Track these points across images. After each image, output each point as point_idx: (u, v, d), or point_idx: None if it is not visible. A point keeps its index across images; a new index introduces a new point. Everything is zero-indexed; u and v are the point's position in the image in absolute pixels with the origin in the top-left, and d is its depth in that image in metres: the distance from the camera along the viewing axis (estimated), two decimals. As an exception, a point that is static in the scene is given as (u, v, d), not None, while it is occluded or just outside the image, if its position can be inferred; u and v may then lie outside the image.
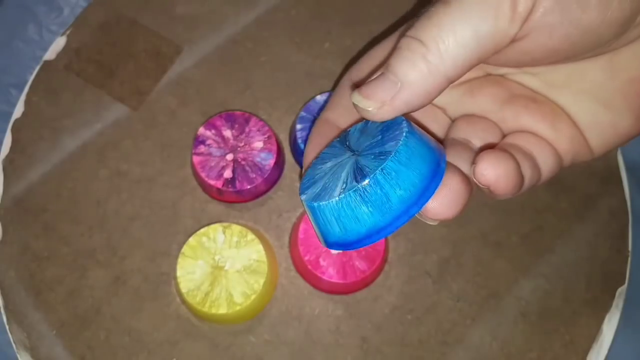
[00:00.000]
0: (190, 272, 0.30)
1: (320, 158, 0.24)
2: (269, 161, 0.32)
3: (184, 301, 0.30)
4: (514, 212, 0.33)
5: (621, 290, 0.33)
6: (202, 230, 0.30)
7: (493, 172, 0.21)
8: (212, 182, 0.31)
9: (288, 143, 0.34)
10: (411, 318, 0.31)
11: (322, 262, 0.30)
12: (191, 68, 0.36)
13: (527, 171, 0.22)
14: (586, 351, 0.32)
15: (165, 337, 0.31)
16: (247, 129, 0.32)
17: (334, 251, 0.30)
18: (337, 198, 0.20)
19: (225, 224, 0.31)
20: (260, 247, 0.30)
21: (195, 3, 0.37)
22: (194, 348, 0.31)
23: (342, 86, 0.26)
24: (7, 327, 0.31)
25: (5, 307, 0.31)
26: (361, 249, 0.30)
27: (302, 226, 0.30)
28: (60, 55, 0.36)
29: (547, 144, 0.23)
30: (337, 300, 0.32)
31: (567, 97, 0.24)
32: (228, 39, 0.36)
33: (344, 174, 0.21)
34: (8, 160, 0.34)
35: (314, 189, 0.22)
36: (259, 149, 0.32)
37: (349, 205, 0.20)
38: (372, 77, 0.21)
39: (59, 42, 0.36)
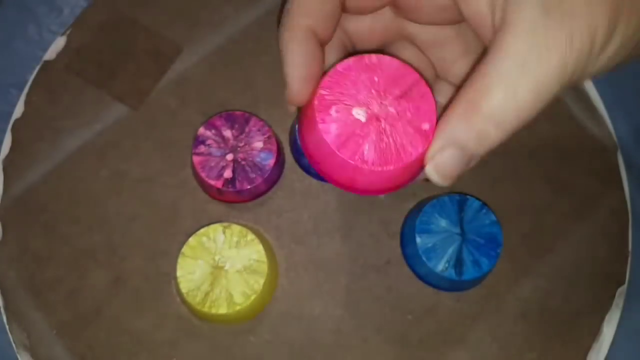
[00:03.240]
0: (190, 272, 0.30)
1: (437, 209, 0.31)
2: (269, 161, 0.32)
3: (184, 301, 0.30)
4: (514, 212, 0.33)
5: (621, 290, 0.33)
6: (202, 230, 0.30)
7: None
8: (212, 182, 0.31)
9: (288, 143, 0.34)
10: (411, 318, 0.31)
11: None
12: (191, 68, 0.36)
13: None
14: (586, 351, 0.32)
15: (165, 337, 0.31)
16: (247, 129, 0.32)
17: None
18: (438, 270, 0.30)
19: (225, 224, 0.30)
20: (260, 247, 0.30)
21: (195, 3, 0.37)
22: (194, 348, 0.31)
23: None
24: (7, 327, 0.31)
25: (5, 307, 0.31)
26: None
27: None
28: (60, 55, 0.36)
29: None
30: (337, 300, 0.32)
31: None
32: (228, 39, 0.36)
33: (450, 251, 0.31)
34: (8, 160, 0.34)
35: (430, 238, 0.31)
36: (259, 149, 0.32)
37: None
38: (446, 151, 0.22)
39: (59, 42, 0.36)
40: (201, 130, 0.32)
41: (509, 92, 0.20)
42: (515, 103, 0.20)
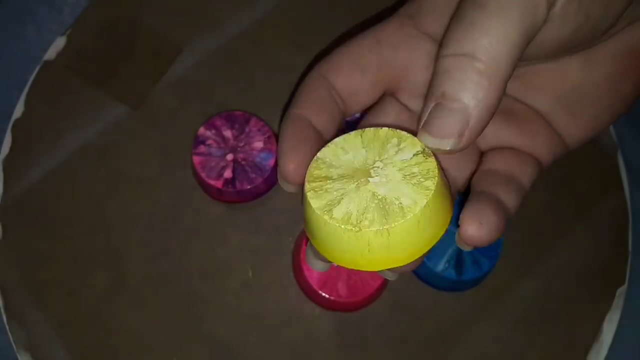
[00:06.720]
0: (345, 148, 0.22)
1: None
2: (269, 161, 0.32)
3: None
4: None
5: (621, 290, 0.33)
6: (402, 133, 0.22)
7: (478, 235, 0.21)
8: (212, 182, 0.31)
9: (288, 143, 0.34)
10: (411, 318, 0.31)
11: (331, 284, 0.30)
12: (191, 68, 0.36)
13: (512, 200, 0.23)
14: (586, 351, 0.32)
15: (165, 337, 0.31)
16: (247, 129, 0.32)
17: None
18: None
19: (426, 151, 0.21)
20: (426, 202, 0.20)
21: (195, 3, 0.37)
22: (194, 348, 0.31)
23: (312, 81, 0.24)
24: (7, 327, 0.31)
25: (5, 307, 0.31)
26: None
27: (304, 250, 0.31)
28: (60, 55, 0.36)
29: (528, 157, 0.24)
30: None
31: (546, 101, 0.24)
32: (228, 39, 0.36)
33: (450, 251, 0.31)
34: (8, 160, 0.34)
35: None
36: (259, 149, 0.32)
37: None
38: (429, 111, 0.20)
39: (59, 42, 0.36)
40: (201, 130, 0.32)
41: (458, 25, 0.20)
42: (468, 29, 0.19)
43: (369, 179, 0.21)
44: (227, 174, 0.32)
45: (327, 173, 0.22)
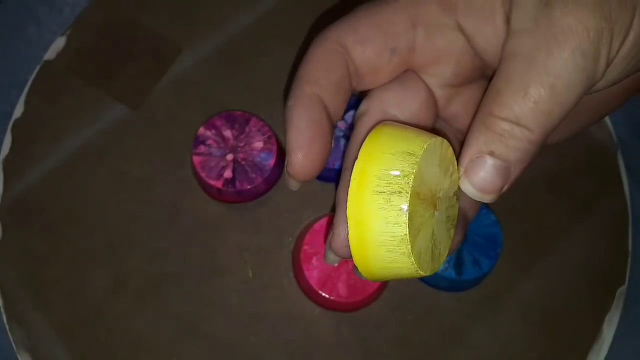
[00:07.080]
0: (433, 158, 0.21)
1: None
2: (269, 161, 0.32)
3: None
4: (514, 212, 0.33)
5: (621, 290, 0.33)
6: (455, 162, 0.22)
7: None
8: (212, 182, 0.31)
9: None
10: (411, 318, 0.31)
11: (330, 284, 0.30)
12: (191, 68, 0.36)
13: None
14: (586, 351, 0.32)
15: (165, 337, 0.31)
16: (247, 129, 0.32)
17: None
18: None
19: (457, 193, 0.22)
20: (447, 253, 0.22)
21: (195, 3, 0.37)
22: (194, 348, 0.31)
23: (327, 49, 0.22)
24: (7, 327, 0.31)
25: (5, 307, 0.31)
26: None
27: (304, 249, 0.31)
28: (60, 55, 0.36)
29: None
30: (337, 300, 0.32)
31: None
32: (228, 39, 0.36)
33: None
34: (8, 160, 0.34)
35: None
36: (259, 149, 0.32)
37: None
38: (473, 160, 0.20)
39: (59, 42, 0.36)
40: (201, 130, 0.32)
41: (519, 91, 0.19)
42: (531, 100, 0.19)
43: (435, 212, 0.21)
44: (227, 174, 0.32)
45: (419, 188, 0.20)
